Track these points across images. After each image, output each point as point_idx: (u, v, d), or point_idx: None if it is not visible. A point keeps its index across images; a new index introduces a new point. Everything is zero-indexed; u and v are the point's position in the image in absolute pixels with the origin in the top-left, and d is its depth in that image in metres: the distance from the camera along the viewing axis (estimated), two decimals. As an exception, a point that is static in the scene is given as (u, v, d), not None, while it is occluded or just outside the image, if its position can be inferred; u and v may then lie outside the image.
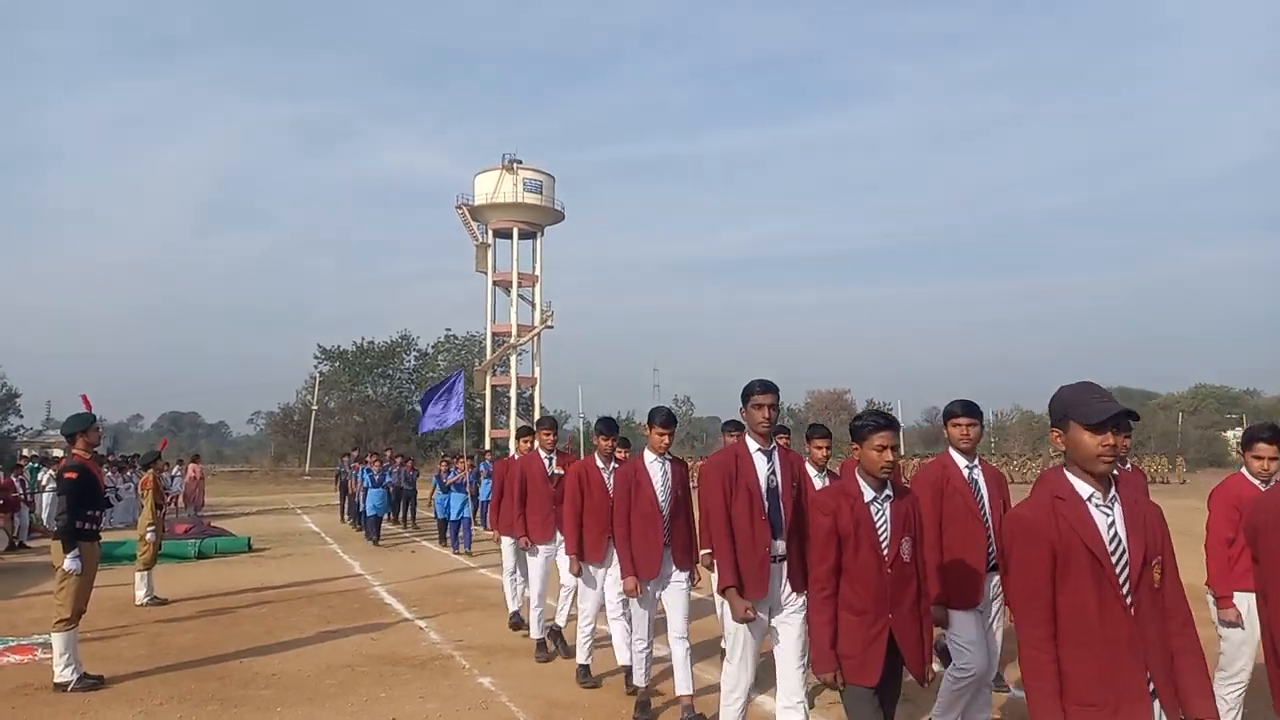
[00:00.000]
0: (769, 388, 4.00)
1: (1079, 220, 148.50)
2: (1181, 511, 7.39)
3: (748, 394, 4.02)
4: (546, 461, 6.83)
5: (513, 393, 57.80)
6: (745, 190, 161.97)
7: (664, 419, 5.19)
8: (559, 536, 6.46)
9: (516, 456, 7.57)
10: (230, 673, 6.38)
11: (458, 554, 13.79)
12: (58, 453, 31.94)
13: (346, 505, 19.75)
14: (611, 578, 5.70)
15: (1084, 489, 2.42)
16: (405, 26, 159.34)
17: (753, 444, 4.07)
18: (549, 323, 56.60)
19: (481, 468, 16.36)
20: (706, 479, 4.11)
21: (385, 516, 17.13)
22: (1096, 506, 2.40)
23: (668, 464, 5.20)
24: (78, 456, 6.38)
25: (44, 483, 18.24)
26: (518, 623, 7.66)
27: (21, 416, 60.27)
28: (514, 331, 56.48)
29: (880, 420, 3.38)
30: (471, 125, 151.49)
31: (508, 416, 58.57)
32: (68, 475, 6.23)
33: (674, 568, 5.11)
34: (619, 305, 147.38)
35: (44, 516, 17.36)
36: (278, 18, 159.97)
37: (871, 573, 3.28)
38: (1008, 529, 2.47)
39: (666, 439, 5.17)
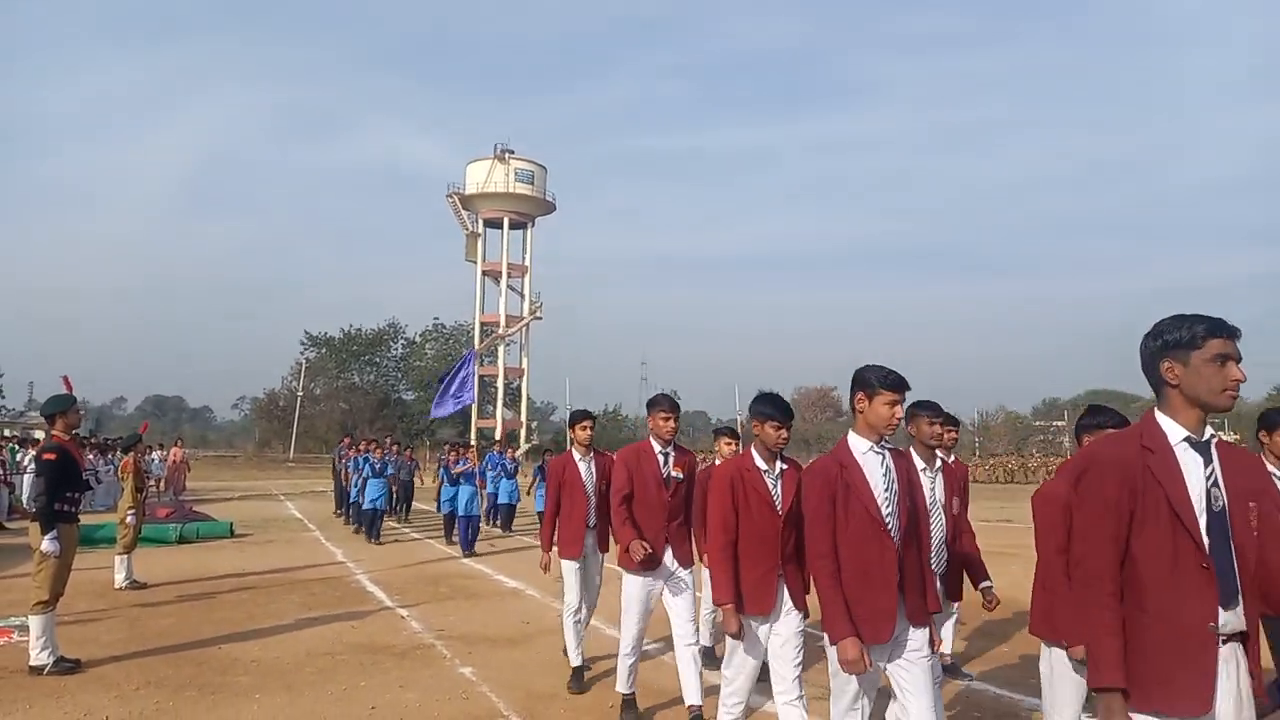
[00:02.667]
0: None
1: (1072, 225, 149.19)
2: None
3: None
4: (661, 459, 5.05)
5: (500, 383, 57.67)
6: (737, 187, 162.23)
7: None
8: (670, 561, 4.96)
9: (578, 453, 6.03)
10: (209, 658, 6.34)
11: (469, 555, 12.40)
12: (39, 434, 31.67)
13: (341, 497, 18.07)
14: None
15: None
16: (401, 13, 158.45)
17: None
18: (538, 313, 56.51)
19: (489, 460, 15.96)
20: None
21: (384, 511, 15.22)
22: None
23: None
24: (57, 438, 6.32)
25: (24, 464, 18.09)
26: (582, 683, 5.72)
27: (3, 397, 59.86)
28: (502, 322, 56.37)
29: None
30: (464, 114, 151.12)
31: (494, 407, 58.44)
32: (46, 456, 6.16)
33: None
34: (608, 298, 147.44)
35: (23, 498, 17.24)
36: (271, 1, 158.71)
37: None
38: None
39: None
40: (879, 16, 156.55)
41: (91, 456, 18.37)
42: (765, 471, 3.97)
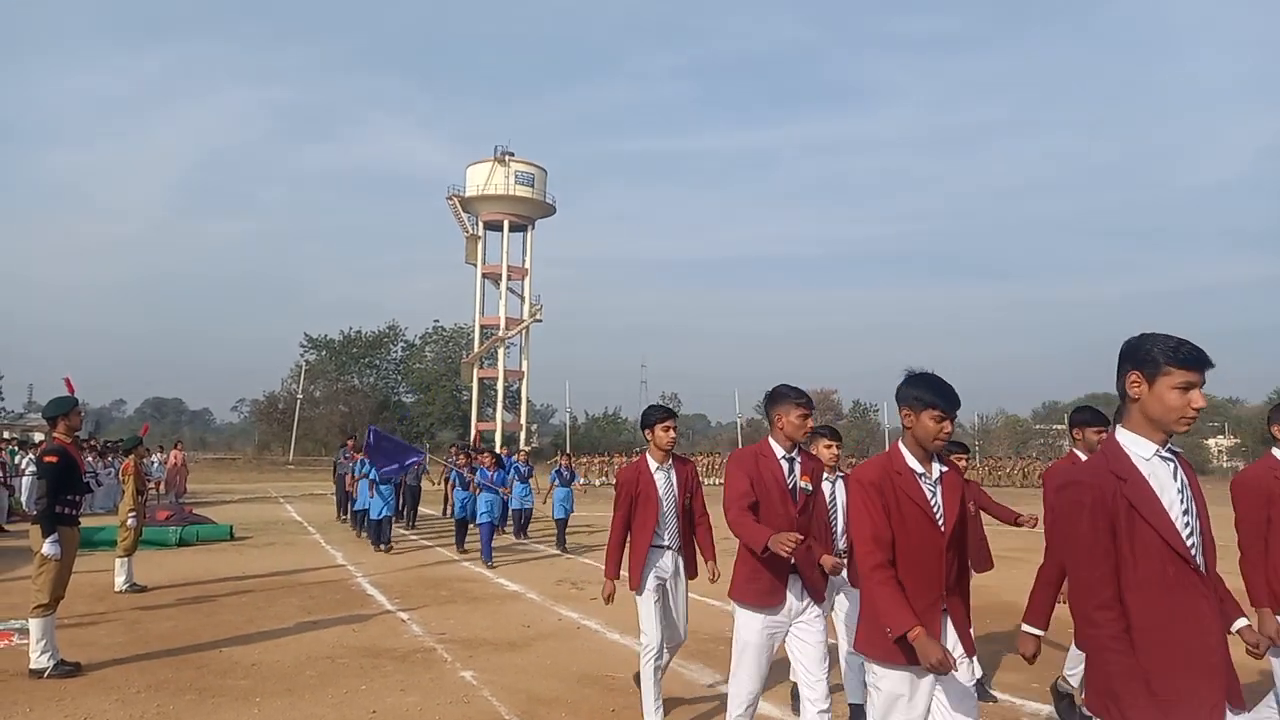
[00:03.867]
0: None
1: (1070, 228, 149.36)
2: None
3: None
4: (785, 466, 3.91)
5: (499, 386, 57.66)
6: (738, 189, 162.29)
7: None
8: (800, 595, 3.89)
9: (654, 460, 4.94)
10: (209, 662, 6.33)
11: (490, 567, 11.50)
12: (39, 436, 31.65)
13: (345, 503, 17.13)
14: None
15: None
16: (402, 13, 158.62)
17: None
18: (538, 316, 56.50)
19: (507, 464, 14.79)
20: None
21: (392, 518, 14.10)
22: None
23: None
24: (58, 440, 6.30)
25: (23, 466, 18.07)
26: None
27: (3, 399, 59.82)
28: (502, 324, 56.36)
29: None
30: (465, 116, 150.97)
31: (494, 409, 58.43)
32: (48, 459, 6.15)
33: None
34: (608, 300, 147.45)
35: (23, 500, 17.22)
36: (271, 1, 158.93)
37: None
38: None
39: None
40: (879, 18, 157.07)
41: (91, 459, 18.35)
42: (921, 476, 3.01)
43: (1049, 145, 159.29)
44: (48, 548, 5.97)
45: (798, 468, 3.95)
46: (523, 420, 58.58)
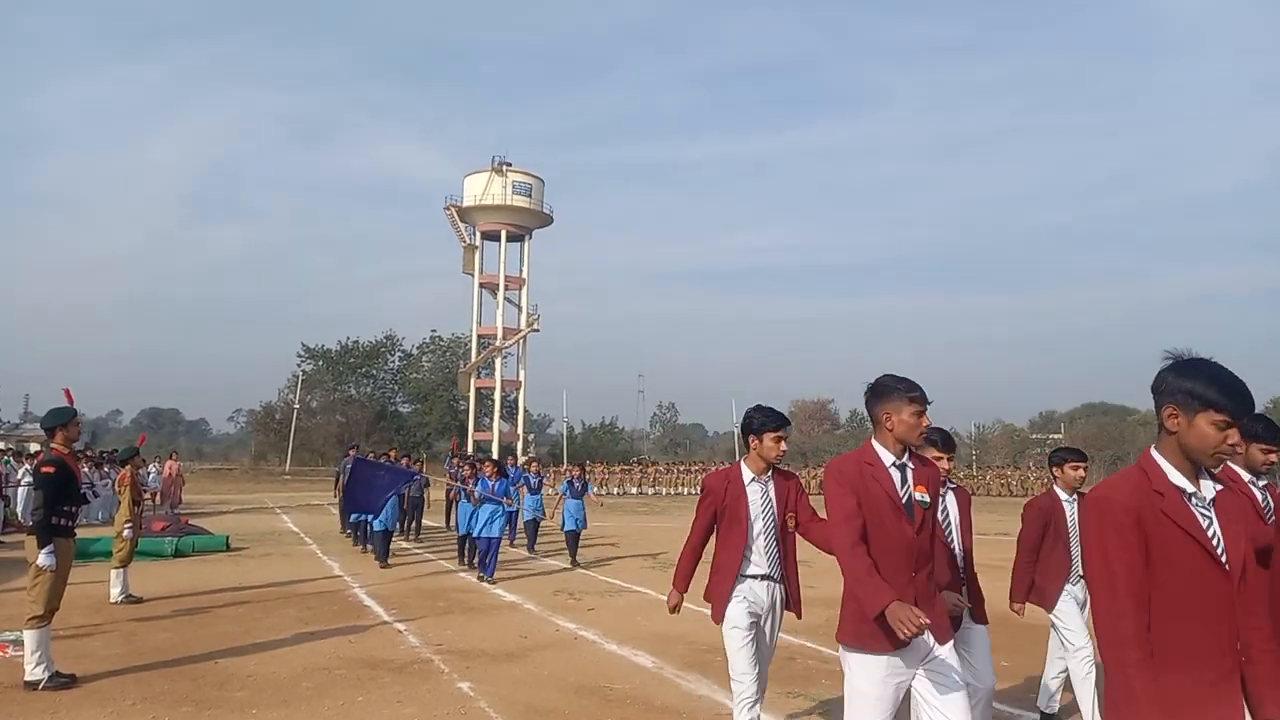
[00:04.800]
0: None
1: (1071, 237, 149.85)
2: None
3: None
4: (897, 476, 3.24)
5: (496, 395, 57.73)
6: (736, 199, 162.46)
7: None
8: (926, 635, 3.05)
9: (749, 471, 4.20)
10: (205, 673, 6.30)
11: (491, 582, 10.98)
12: (34, 446, 31.58)
13: (347, 513, 15.77)
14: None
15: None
16: (399, 22, 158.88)
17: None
18: (535, 326, 56.57)
19: (513, 474, 13.77)
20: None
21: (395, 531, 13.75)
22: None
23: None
24: (56, 451, 6.30)
25: (19, 477, 18.03)
26: None
27: (-2, 409, 59.56)
28: (499, 334, 56.43)
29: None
30: (462, 125, 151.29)
31: (491, 419, 58.42)
32: (45, 470, 6.14)
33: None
34: (605, 310, 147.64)
35: (18, 511, 17.17)
36: (266, 9, 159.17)
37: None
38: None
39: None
40: (878, 25, 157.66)
41: (87, 469, 18.31)
42: (1192, 497, 2.26)
43: (1048, 152, 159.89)
44: (43, 559, 5.95)
45: (910, 476, 3.23)
46: (520, 430, 58.55)
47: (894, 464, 3.21)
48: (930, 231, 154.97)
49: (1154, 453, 2.32)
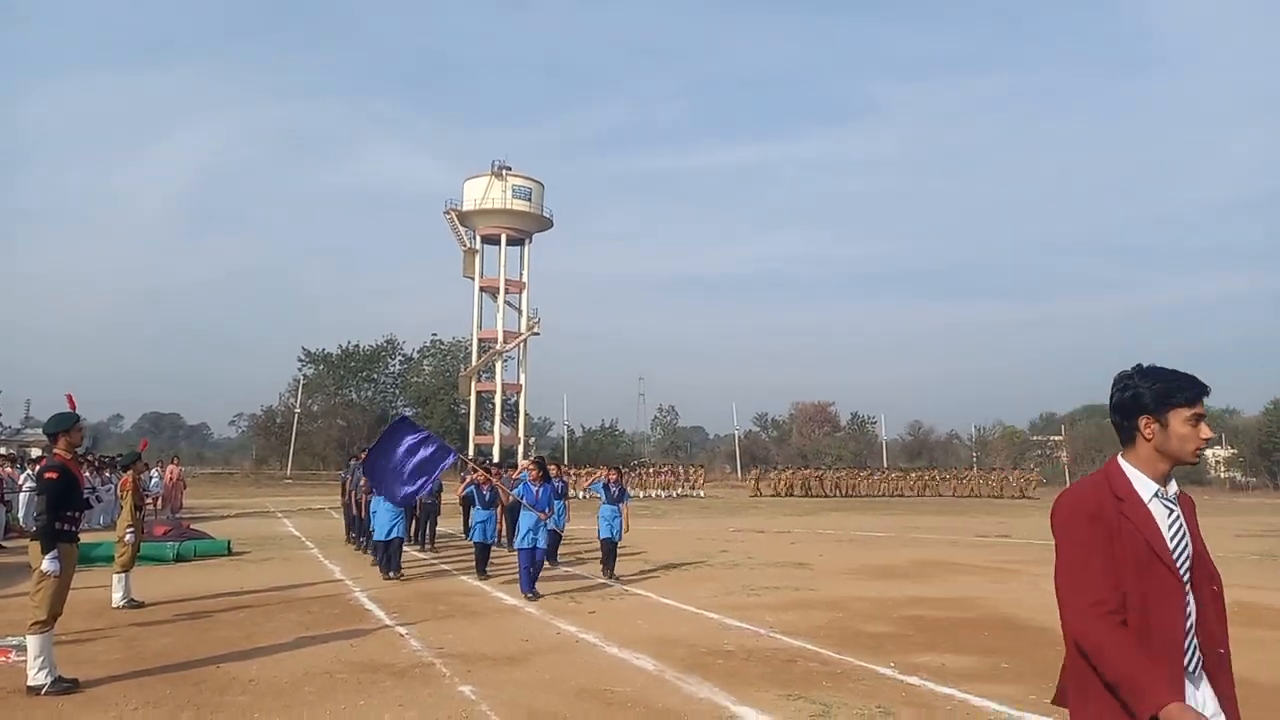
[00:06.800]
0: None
1: (1069, 244, 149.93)
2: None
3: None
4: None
5: (497, 399, 57.72)
6: (735, 207, 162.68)
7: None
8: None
9: (1142, 482, 2.34)
10: (207, 678, 6.32)
11: (529, 596, 10.09)
12: (36, 452, 31.61)
13: (355, 522, 15.26)
14: None
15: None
16: (400, 33, 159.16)
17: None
18: (535, 329, 56.60)
19: (558, 485, 12.43)
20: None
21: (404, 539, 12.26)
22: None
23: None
24: (59, 456, 6.31)
25: (20, 482, 18.05)
26: None
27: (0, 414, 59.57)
28: (500, 338, 56.46)
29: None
30: (463, 132, 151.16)
31: (492, 423, 58.42)
32: (48, 475, 6.16)
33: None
34: (605, 314, 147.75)
35: (20, 516, 17.19)
36: (267, 20, 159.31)
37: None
38: None
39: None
40: (878, 39, 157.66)
41: (89, 475, 18.32)
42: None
43: (1046, 162, 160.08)
44: (47, 564, 5.97)
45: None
46: (520, 433, 58.56)
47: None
48: (930, 239, 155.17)
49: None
